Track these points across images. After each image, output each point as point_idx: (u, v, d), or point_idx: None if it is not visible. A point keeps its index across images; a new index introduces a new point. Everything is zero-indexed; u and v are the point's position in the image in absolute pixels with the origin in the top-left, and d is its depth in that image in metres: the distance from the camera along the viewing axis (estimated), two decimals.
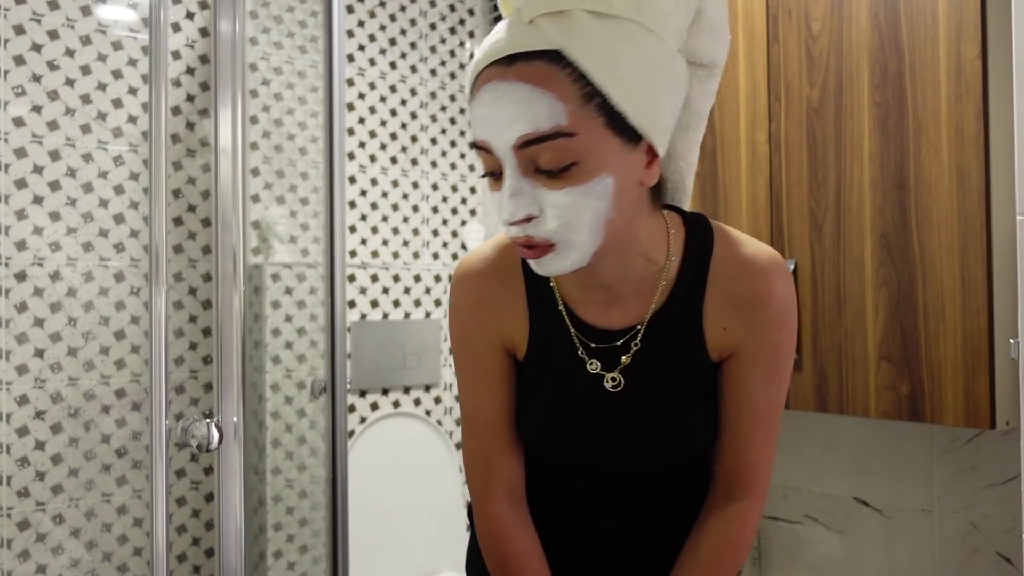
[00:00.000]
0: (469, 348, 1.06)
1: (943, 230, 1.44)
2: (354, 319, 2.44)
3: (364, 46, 2.52)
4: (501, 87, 0.85)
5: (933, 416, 1.45)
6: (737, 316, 0.98)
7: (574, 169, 0.85)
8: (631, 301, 1.00)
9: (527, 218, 0.86)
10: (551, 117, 0.83)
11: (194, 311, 2.20)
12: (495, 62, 0.86)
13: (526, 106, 0.83)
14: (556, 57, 0.84)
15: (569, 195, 0.85)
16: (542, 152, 0.84)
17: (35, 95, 2.01)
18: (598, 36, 0.84)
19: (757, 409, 1.00)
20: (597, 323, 1.01)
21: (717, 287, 0.99)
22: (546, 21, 0.84)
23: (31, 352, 1.99)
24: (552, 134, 0.83)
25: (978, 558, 1.67)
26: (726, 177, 1.74)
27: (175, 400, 2.18)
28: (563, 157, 0.84)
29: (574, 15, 0.84)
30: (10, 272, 1.97)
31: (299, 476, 2.24)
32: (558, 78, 0.83)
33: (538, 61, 0.84)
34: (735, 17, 1.72)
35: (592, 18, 0.84)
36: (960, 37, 1.42)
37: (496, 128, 0.85)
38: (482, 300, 1.05)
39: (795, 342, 1.02)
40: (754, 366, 0.99)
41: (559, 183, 0.85)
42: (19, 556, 1.96)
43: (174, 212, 2.18)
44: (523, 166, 0.86)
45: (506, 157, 0.86)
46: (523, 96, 0.83)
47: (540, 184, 0.86)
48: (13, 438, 1.96)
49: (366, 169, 2.51)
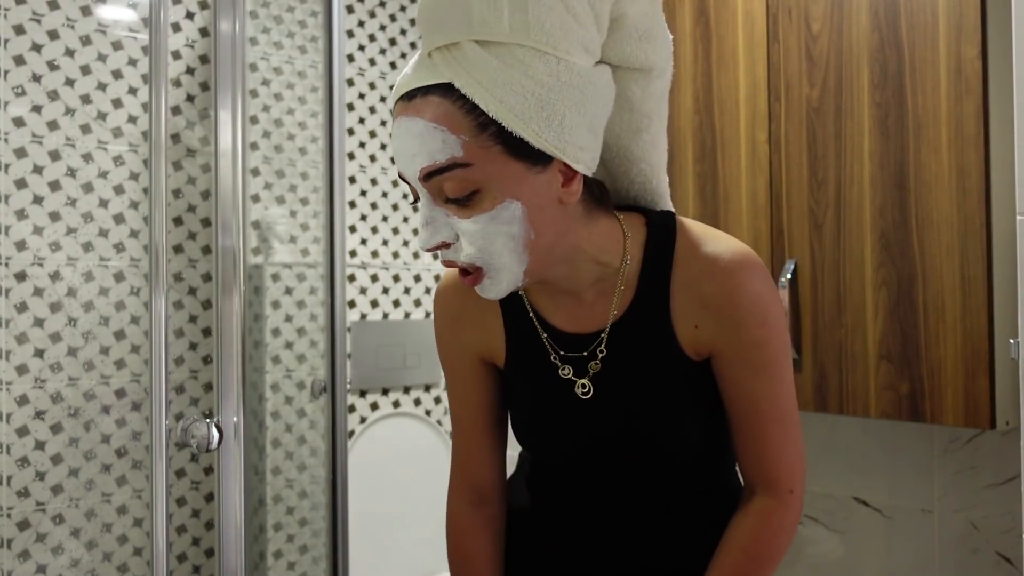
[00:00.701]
0: (446, 357, 1.13)
1: (943, 230, 1.44)
2: (354, 319, 2.44)
3: (364, 46, 2.52)
4: (404, 122, 0.88)
5: (933, 416, 1.45)
6: (706, 315, 0.98)
7: (477, 197, 0.88)
8: (597, 304, 1.02)
9: (442, 244, 0.90)
10: (444, 150, 0.86)
11: (194, 311, 2.20)
12: (401, 97, 0.89)
13: (423, 140, 0.86)
14: (449, 90, 0.86)
15: (477, 223, 0.88)
16: (444, 183, 0.87)
17: (35, 95, 2.01)
18: (487, 66, 0.85)
19: (758, 406, 0.99)
20: (567, 328, 1.03)
21: (682, 286, 0.99)
22: (439, 55, 0.87)
23: (31, 352, 1.99)
24: (448, 166, 0.86)
25: (978, 558, 1.67)
26: (726, 177, 1.74)
27: (175, 400, 2.18)
28: (463, 187, 0.87)
29: (464, 47, 0.86)
30: (10, 272, 1.97)
31: (299, 476, 2.24)
32: (451, 111, 0.86)
33: (432, 96, 0.87)
34: (735, 17, 1.72)
35: (480, 48, 0.85)
36: (960, 37, 1.42)
37: (404, 160, 0.89)
38: (457, 315, 1.10)
39: (784, 336, 1.00)
40: (740, 364, 0.99)
41: (466, 211, 0.88)
42: (19, 556, 1.96)
43: (174, 212, 2.18)
44: (433, 195, 0.89)
45: (419, 187, 0.90)
46: (420, 131, 0.86)
47: (452, 212, 0.89)
48: (13, 438, 1.96)
49: (366, 169, 2.51)
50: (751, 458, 1.02)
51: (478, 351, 1.09)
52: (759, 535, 1.01)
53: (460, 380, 1.11)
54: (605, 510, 1.08)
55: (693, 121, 1.80)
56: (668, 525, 1.07)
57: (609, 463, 1.05)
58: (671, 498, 1.07)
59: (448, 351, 1.12)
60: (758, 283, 0.97)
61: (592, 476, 1.07)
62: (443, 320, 1.11)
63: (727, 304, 0.97)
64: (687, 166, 1.81)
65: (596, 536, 1.09)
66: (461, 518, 1.13)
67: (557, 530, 1.11)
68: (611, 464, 1.05)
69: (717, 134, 1.76)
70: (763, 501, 1.02)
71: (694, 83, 1.79)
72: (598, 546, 1.09)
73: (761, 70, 1.68)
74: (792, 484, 1.01)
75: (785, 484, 1.01)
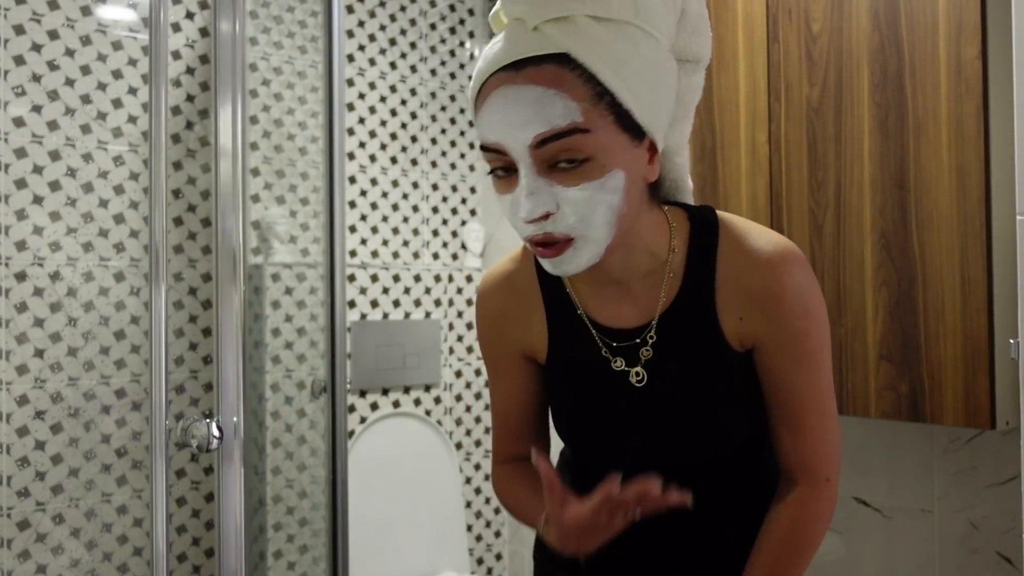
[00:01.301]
0: (490, 355, 1.15)
1: (943, 230, 1.44)
2: (354, 319, 2.44)
3: (364, 46, 2.52)
4: (513, 90, 0.88)
5: (933, 416, 1.45)
6: (750, 307, 1.00)
7: (588, 165, 0.89)
8: (642, 297, 1.03)
9: (545, 215, 0.90)
10: (565, 115, 0.87)
11: (194, 311, 2.20)
12: (503, 68, 0.89)
13: (540, 106, 0.87)
14: (565, 60, 0.88)
15: (584, 191, 0.89)
16: (558, 149, 0.88)
17: (35, 95, 2.01)
18: (602, 39, 0.88)
19: (799, 397, 1.01)
20: (612, 323, 1.04)
21: (727, 278, 1.00)
22: (551, 27, 0.88)
23: (31, 352, 1.99)
24: (569, 130, 0.87)
25: (978, 558, 1.67)
26: (726, 177, 1.74)
27: (175, 400, 2.18)
28: (579, 153, 0.88)
29: (577, 20, 0.88)
30: (10, 272, 1.97)
31: (299, 476, 2.24)
32: (569, 79, 0.87)
33: (548, 64, 0.88)
34: (735, 17, 1.72)
35: (594, 22, 0.88)
36: (960, 37, 1.42)
37: (511, 130, 0.88)
38: (499, 315, 1.11)
39: (825, 328, 1.02)
40: (783, 356, 1.00)
41: (574, 179, 0.89)
42: (19, 556, 1.96)
43: (174, 212, 2.18)
44: (539, 165, 0.89)
45: (521, 158, 0.89)
46: (537, 97, 0.87)
47: (556, 182, 0.89)
48: (13, 438, 1.96)
49: (366, 169, 2.51)
50: (790, 447, 1.04)
51: (520, 348, 1.11)
52: (797, 523, 1.03)
53: (504, 376, 1.14)
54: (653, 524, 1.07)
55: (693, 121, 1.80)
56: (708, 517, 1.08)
57: (654, 454, 1.06)
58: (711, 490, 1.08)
59: (491, 349, 1.14)
60: (800, 276, 0.99)
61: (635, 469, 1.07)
62: (486, 320, 1.13)
63: (771, 296, 0.98)
64: None
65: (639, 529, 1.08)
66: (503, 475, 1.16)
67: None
68: (655, 455, 1.06)
69: (717, 134, 1.76)
70: (801, 490, 1.03)
71: None
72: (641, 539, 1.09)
73: (761, 70, 1.68)
74: (829, 472, 1.03)
75: (822, 473, 1.03)
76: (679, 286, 1.02)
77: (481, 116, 0.92)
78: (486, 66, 0.91)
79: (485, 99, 0.91)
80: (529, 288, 1.09)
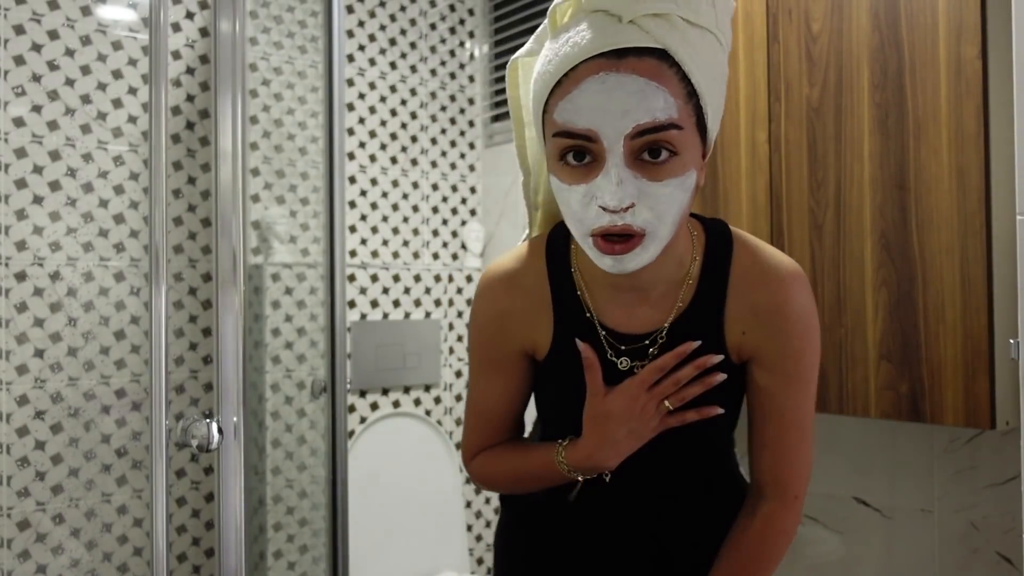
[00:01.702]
0: (488, 351, 1.12)
1: (943, 230, 1.44)
2: (354, 319, 2.44)
3: (364, 46, 2.52)
4: (613, 78, 0.87)
5: (933, 416, 1.45)
6: (756, 322, 1.02)
7: (675, 161, 0.89)
8: (658, 303, 1.04)
9: (631, 205, 0.89)
10: (666, 109, 0.87)
11: (194, 311, 2.20)
12: (604, 54, 0.88)
13: (642, 97, 0.86)
14: (664, 55, 0.88)
15: (667, 186, 0.89)
16: (651, 142, 0.88)
17: (35, 95, 2.01)
18: (695, 41, 0.89)
19: (782, 415, 1.04)
20: (622, 328, 1.05)
21: (737, 291, 1.03)
22: (648, 22, 0.88)
23: (31, 352, 1.99)
24: (668, 125, 0.88)
25: (978, 558, 1.67)
26: (726, 177, 1.74)
27: (175, 400, 2.18)
28: (671, 148, 0.89)
29: (673, 19, 0.88)
30: (10, 272, 1.97)
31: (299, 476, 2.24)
32: (668, 75, 0.88)
33: (648, 57, 0.87)
34: (735, 17, 1.72)
35: (687, 25, 0.89)
36: (960, 37, 1.42)
37: (608, 117, 0.87)
38: (505, 310, 1.09)
39: (818, 350, 1.05)
40: (776, 373, 1.03)
41: (660, 174, 0.89)
42: (19, 556, 1.96)
43: (174, 212, 2.18)
44: (628, 156, 0.88)
45: (613, 146, 0.88)
46: (639, 88, 0.86)
47: (640, 175, 0.89)
48: (13, 438, 1.96)
49: (366, 169, 2.51)
50: (766, 462, 1.06)
51: (523, 345, 1.10)
52: (766, 539, 1.06)
53: (499, 373, 1.11)
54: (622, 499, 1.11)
55: None
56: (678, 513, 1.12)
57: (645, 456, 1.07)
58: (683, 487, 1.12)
59: (490, 346, 1.11)
60: (804, 297, 1.03)
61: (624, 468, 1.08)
62: (491, 313, 1.10)
63: (776, 313, 1.01)
64: None
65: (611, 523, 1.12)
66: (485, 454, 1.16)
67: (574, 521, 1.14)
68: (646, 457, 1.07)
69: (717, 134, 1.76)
70: (770, 505, 1.06)
71: None
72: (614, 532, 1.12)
73: (761, 70, 1.68)
74: (798, 491, 1.07)
75: (793, 491, 1.06)
76: (693, 294, 1.03)
77: (570, 100, 0.89)
78: (574, 52, 0.89)
79: (577, 84, 0.88)
80: (538, 287, 1.08)
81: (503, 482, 1.15)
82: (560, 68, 0.90)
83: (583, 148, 0.90)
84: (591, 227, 0.91)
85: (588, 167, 0.90)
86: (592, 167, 0.90)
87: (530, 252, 1.10)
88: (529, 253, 1.10)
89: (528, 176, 1.14)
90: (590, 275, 1.05)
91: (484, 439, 1.15)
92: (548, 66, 0.92)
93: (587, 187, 0.90)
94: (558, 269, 1.07)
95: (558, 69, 0.90)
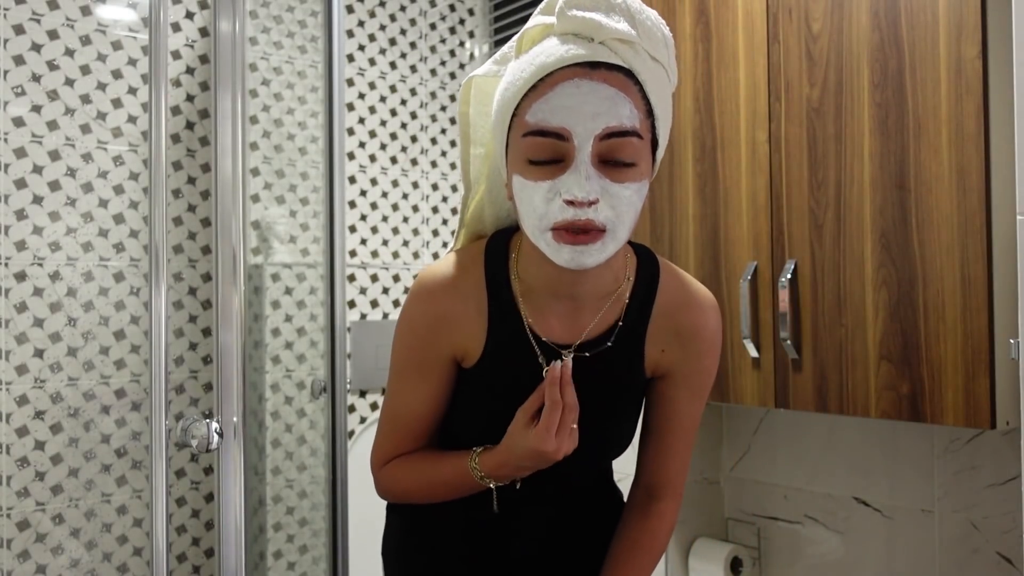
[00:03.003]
0: (417, 354, 1.13)
1: (943, 230, 1.44)
2: (354, 319, 2.43)
3: (364, 46, 2.52)
4: (587, 84, 0.96)
5: (933, 416, 1.45)
6: (675, 342, 1.14)
7: (634, 169, 0.98)
8: (589, 315, 1.10)
9: (595, 200, 0.96)
10: (631, 118, 0.97)
11: (194, 311, 2.20)
12: (581, 64, 0.96)
13: (612, 104, 0.96)
14: (629, 74, 0.98)
15: (627, 189, 0.98)
16: (618, 146, 0.97)
17: (35, 95, 2.01)
18: (655, 71, 1.00)
19: (682, 424, 1.17)
20: (552, 337, 1.10)
21: (661, 312, 1.13)
22: (617, 45, 0.98)
23: (31, 352, 1.99)
24: (632, 131, 0.97)
25: (978, 558, 1.67)
26: (726, 177, 1.74)
27: (175, 400, 2.18)
28: (632, 155, 0.98)
29: (636, 47, 0.98)
30: (10, 272, 1.97)
31: (299, 476, 2.24)
32: (633, 91, 0.98)
33: (618, 73, 0.97)
34: (735, 17, 1.72)
35: (647, 55, 0.99)
36: (960, 37, 1.42)
37: (581, 117, 0.95)
38: (440, 315, 1.11)
39: (716, 370, 1.19)
40: (684, 388, 1.16)
41: (622, 177, 0.97)
42: (19, 556, 1.96)
43: (174, 212, 2.18)
44: (595, 156, 0.96)
45: (583, 145, 0.96)
46: (610, 95, 0.96)
47: (604, 175, 0.97)
48: (13, 438, 1.96)
49: (366, 169, 2.51)
50: (659, 465, 1.19)
51: (453, 351, 1.12)
52: (657, 534, 1.19)
53: (427, 377, 1.13)
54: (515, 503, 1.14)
55: (693, 121, 1.80)
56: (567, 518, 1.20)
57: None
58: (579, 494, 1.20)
59: (422, 350, 1.12)
60: (718, 323, 1.17)
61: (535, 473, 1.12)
62: (424, 319, 1.11)
63: (696, 336, 1.14)
64: (687, 166, 1.81)
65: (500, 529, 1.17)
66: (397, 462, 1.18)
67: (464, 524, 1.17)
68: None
69: (717, 134, 1.76)
70: (664, 504, 1.19)
71: (694, 83, 1.79)
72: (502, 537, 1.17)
73: (761, 70, 1.68)
74: (681, 489, 1.21)
75: (680, 489, 1.21)
76: (623, 311, 1.12)
77: (546, 102, 0.96)
78: (550, 60, 0.97)
79: (553, 87, 0.96)
80: (475, 294, 1.10)
81: (414, 489, 1.16)
82: (536, 74, 0.98)
83: (553, 148, 0.97)
84: (553, 221, 0.97)
85: (554, 167, 0.97)
86: (559, 167, 0.97)
87: (468, 260, 1.13)
88: (467, 261, 1.13)
89: (467, 192, 1.20)
90: (528, 285, 1.10)
91: (399, 447, 1.16)
92: (522, 74, 0.99)
93: (552, 183, 0.97)
94: (495, 277, 1.10)
95: (533, 76, 0.98)
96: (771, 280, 1.66)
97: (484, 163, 1.17)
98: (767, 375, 1.67)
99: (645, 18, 0.99)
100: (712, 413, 2.13)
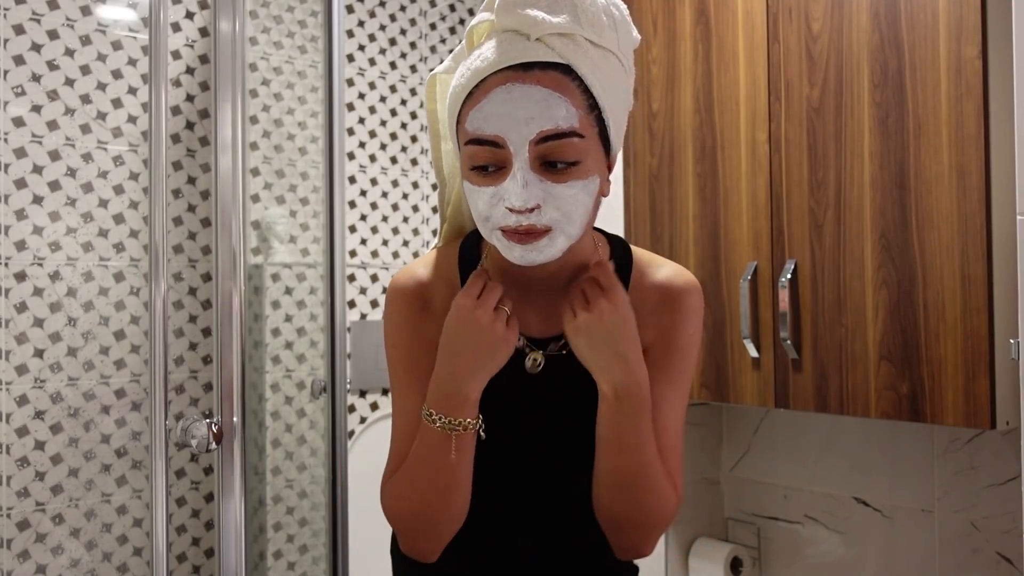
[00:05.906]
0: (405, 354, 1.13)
1: (943, 230, 1.44)
2: (354, 319, 2.44)
3: (364, 46, 2.52)
4: (519, 88, 0.94)
5: (933, 416, 1.45)
6: (650, 320, 1.10)
7: (577, 168, 0.96)
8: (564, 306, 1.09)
9: (536, 207, 0.96)
10: (567, 118, 0.94)
11: (194, 311, 2.20)
12: (513, 67, 0.95)
13: (546, 106, 0.94)
14: (568, 70, 0.96)
15: (571, 188, 0.96)
16: (556, 148, 0.95)
17: (35, 95, 2.01)
18: (596, 60, 0.97)
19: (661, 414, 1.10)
20: (531, 332, 1.10)
21: (636, 287, 1.12)
22: (553, 40, 0.96)
23: (31, 352, 1.99)
24: (569, 132, 0.95)
25: (978, 558, 1.67)
26: (726, 176, 1.74)
27: (175, 400, 2.18)
28: (572, 155, 0.96)
29: (577, 39, 0.96)
30: (10, 272, 1.97)
31: (299, 476, 2.24)
32: (571, 88, 0.95)
33: (553, 71, 0.95)
34: (735, 17, 1.72)
35: (590, 45, 0.97)
36: (960, 37, 1.42)
37: (514, 124, 0.94)
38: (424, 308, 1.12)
39: (696, 356, 1.14)
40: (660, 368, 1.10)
41: (563, 177, 0.96)
42: (19, 556, 1.96)
43: (174, 212, 2.18)
44: (532, 161, 0.95)
45: (519, 151, 0.95)
46: (543, 97, 0.94)
47: (545, 178, 0.96)
48: (13, 438, 1.96)
49: (366, 169, 2.51)
50: None
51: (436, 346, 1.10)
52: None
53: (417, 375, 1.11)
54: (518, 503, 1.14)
55: (693, 121, 1.80)
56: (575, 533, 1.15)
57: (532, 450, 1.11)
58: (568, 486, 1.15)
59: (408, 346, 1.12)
60: (698, 301, 1.13)
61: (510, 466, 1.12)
62: (409, 312, 1.11)
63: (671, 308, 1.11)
64: (687, 166, 1.81)
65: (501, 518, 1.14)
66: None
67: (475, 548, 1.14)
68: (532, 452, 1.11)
69: (717, 134, 1.76)
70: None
71: (694, 83, 1.79)
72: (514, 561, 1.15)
73: (761, 70, 1.68)
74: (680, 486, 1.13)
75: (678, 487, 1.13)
76: None
77: (480, 109, 0.96)
78: (484, 66, 0.96)
79: (486, 94, 0.96)
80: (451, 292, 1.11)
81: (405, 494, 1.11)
82: (471, 81, 0.97)
83: (492, 156, 0.96)
84: (497, 224, 0.98)
85: (496, 173, 0.97)
86: (500, 173, 0.97)
87: (442, 258, 1.14)
88: (441, 259, 1.14)
89: (443, 187, 1.20)
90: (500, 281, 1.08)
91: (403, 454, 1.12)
92: (461, 80, 0.99)
93: (495, 189, 0.97)
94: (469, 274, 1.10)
95: (469, 82, 0.97)
96: (771, 280, 1.66)
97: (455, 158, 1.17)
98: (767, 375, 1.67)
99: (589, 4, 0.97)
100: (712, 413, 2.13)
